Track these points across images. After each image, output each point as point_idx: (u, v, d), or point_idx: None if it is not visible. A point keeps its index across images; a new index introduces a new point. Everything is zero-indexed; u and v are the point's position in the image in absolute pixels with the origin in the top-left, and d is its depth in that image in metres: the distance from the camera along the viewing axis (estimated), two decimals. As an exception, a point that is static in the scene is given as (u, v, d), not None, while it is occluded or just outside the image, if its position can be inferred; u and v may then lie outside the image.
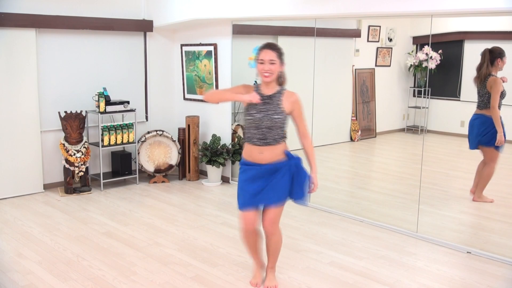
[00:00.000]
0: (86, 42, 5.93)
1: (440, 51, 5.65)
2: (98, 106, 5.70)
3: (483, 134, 4.88)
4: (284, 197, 3.26)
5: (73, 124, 5.52)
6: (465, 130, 5.68)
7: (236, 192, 3.40)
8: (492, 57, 4.72)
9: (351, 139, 6.89)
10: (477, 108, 4.91)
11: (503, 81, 4.69)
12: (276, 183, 3.19)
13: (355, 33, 6.59)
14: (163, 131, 6.21)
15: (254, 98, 3.09)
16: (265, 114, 3.16)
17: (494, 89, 4.67)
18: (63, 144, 5.55)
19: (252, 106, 3.19)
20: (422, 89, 6.13)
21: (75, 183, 5.76)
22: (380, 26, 6.48)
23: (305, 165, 3.34)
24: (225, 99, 3.37)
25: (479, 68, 4.82)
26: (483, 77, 4.77)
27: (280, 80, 3.27)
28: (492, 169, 4.89)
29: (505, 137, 4.76)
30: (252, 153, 3.22)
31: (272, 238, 3.36)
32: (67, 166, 5.57)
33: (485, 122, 4.83)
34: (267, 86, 3.23)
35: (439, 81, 5.66)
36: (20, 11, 5.33)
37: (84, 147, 5.61)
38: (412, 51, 6.16)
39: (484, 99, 4.82)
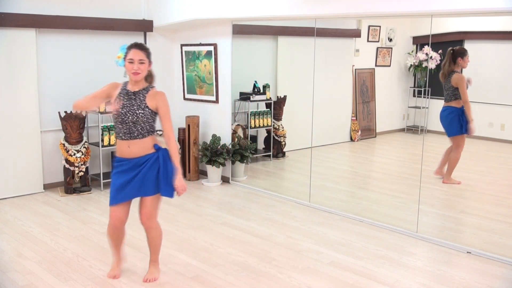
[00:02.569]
0: (86, 42, 5.93)
1: (440, 51, 5.65)
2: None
3: (450, 123, 5.37)
4: (152, 189, 3.33)
5: (73, 124, 5.52)
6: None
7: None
8: (454, 56, 5.22)
9: (351, 139, 6.89)
10: (444, 101, 5.40)
11: (469, 83, 5.25)
12: (143, 175, 3.29)
13: (355, 33, 6.59)
14: (163, 131, 6.20)
15: (113, 106, 3.30)
16: (129, 109, 3.28)
17: (461, 85, 5.22)
18: (63, 144, 5.55)
19: (117, 101, 3.31)
20: (422, 89, 6.13)
21: (75, 183, 5.76)
22: (380, 26, 6.49)
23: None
24: (86, 106, 3.43)
25: (443, 66, 5.35)
26: (446, 73, 5.31)
27: (149, 78, 3.46)
28: (458, 154, 5.37)
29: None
30: (121, 148, 3.33)
31: (150, 232, 3.44)
32: (67, 166, 5.57)
33: (452, 112, 5.34)
34: (135, 84, 3.36)
35: (439, 81, 5.66)
36: (20, 11, 5.33)
37: (84, 147, 5.61)
38: (412, 51, 6.16)
39: (449, 93, 5.33)
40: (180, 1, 5.95)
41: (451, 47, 5.27)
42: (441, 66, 5.42)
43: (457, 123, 5.31)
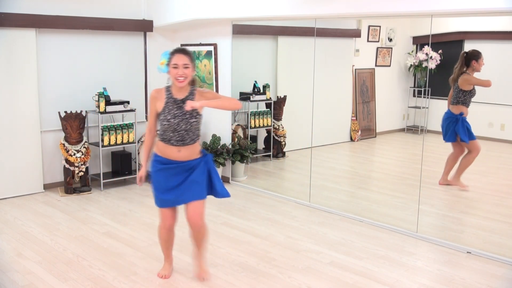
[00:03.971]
0: (86, 42, 5.93)
1: (440, 51, 5.65)
2: (98, 106, 5.70)
3: (446, 128, 5.28)
4: (204, 191, 3.34)
5: (73, 124, 5.52)
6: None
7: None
8: (467, 59, 5.07)
9: (351, 139, 6.89)
10: (451, 103, 5.24)
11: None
12: (194, 180, 3.27)
13: (355, 33, 6.59)
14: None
15: (139, 180, 3.33)
16: (181, 119, 3.22)
17: (472, 83, 5.08)
18: (63, 144, 5.55)
19: (167, 112, 3.23)
20: (422, 89, 6.13)
21: (75, 183, 5.76)
22: (380, 26, 6.48)
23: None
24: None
25: (455, 69, 5.19)
26: (456, 76, 5.18)
27: (192, 82, 3.36)
28: (472, 156, 5.23)
29: (471, 137, 5.17)
30: (169, 151, 3.28)
31: (200, 231, 3.42)
32: (67, 166, 5.57)
33: (448, 118, 5.25)
34: (180, 90, 3.27)
35: (439, 81, 5.66)
36: (20, 11, 5.33)
37: (84, 147, 5.61)
38: (412, 51, 6.16)
39: (454, 95, 5.21)
40: (180, 1, 5.95)
41: (464, 51, 5.15)
42: (437, 67, 5.43)
43: (450, 129, 5.23)
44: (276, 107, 6.67)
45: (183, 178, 3.27)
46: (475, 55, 5.06)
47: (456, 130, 5.18)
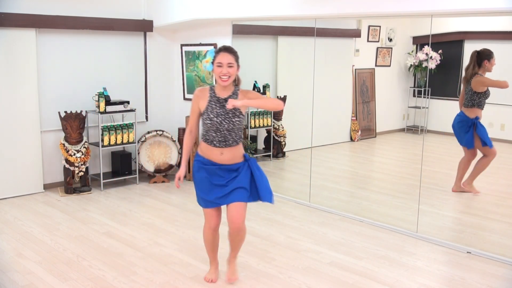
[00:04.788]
0: (86, 42, 5.93)
1: (440, 51, 5.65)
2: (98, 106, 5.70)
3: (459, 132, 5.13)
4: (247, 195, 3.30)
5: (73, 124, 5.52)
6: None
7: None
8: (479, 58, 4.90)
9: (351, 139, 6.89)
10: (463, 106, 5.09)
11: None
12: (238, 182, 3.23)
13: (355, 33, 6.58)
14: (163, 131, 6.21)
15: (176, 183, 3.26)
16: (224, 118, 3.18)
17: (486, 84, 4.90)
18: (63, 144, 5.55)
19: (210, 110, 3.21)
20: (422, 89, 6.13)
21: (75, 183, 5.76)
22: (380, 26, 6.48)
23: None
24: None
25: (466, 69, 5.02)
26: (469, 77, 4.98)
27: (235, 82, 3.30)
28: (487, 159, 5.07)
29: (489, 143, 4.99)
30: (211, 154, 3.25)
31: (240, 234, 3.37)
32: (67, 166, 5.57)
33: (461, 121, 5.08)
34: (223, 89, 3.24)
35: (439, 81, 5.66)
36: (20, 11, 5.32)
37: (84, 147, 5.61)
38: (412, 51, 6.16)
39: (468, 97, 5.03)
40: (180, 1, 5.95)
41: (475, 49, 4.97)
42: (437, 67, 5.38)
43: (464, 134, 5.05)
44: (276, 107, 6.65)
45: (226, 180, 3.23)
46: (487, 55, 4.89)
47: (479, 135, 4.97)
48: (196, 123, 3.36)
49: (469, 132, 5.03)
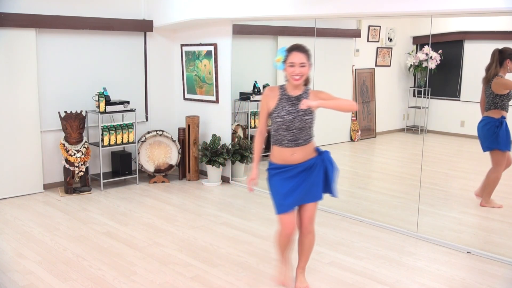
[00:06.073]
0: (86, 42, 5.93)
1: (440, 51, 5.64)
2: (98, 106, 5.70)
3: (487, 136, 4.74)
4: (320, 194, 3.24)
5: (73, 124, 5.52)
6: (465, 130, 5.69)
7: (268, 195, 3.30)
8: (502, 57, 4.60)
9: (351, 139, 6.89)
10: (484, 110, 4.79)
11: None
12: (313, 181, 3.17)
13: (355, 33, 6.58)
14: (163, 131, 6.22)
15: (249, 185, 3.17)
16: (295, 116, 3.13)
17: (509, 82, 4.56)
18: (63, 144, 5.55)
19: (280, 108, 3.16)
20: (422, 89, 6.13)
21: (75, 183, 5.76)
22: (380, 26, 6.48)
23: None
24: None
25: (487, 69, 4.70)
26: (490, 77, 4.66)
27: (306, 80, 3.24)
28: (498, 173, 4.74)
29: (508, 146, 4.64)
30: (283, 155, 3.18)
31: (308, 237, 3.32)
32: (67, 166, 5.57)
33: (487, 124, 4.73)
34: (294, 88, 3.19)
35: (439, 81, 5.66)
36: (20, 11, 5.33)
37: (84, 147, 5.61)
38: (412, 51, 6.16)
39: (489, 101, 4.71)
40: (180, 1, 5.95)
41: (497, 48, 4.64)
42: (437, 67, 5.28)
43: (491, 136, 4.68)
44: (276, 107, 6.65)
45: (301, 180, 3.17)
46: (509, 54, 4.58)
47: (499, 136, 4.64)
48: (266, 123, 3.30)
49: (498, 131, 4.66)
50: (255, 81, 6.42)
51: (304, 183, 3.16)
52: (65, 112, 5.54)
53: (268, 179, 3.26)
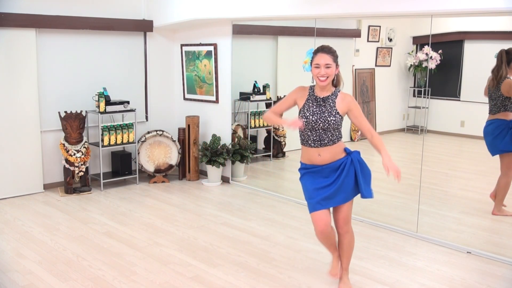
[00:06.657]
0: (86, 42, 5.93)
1: (440, 51, 5.64)
2: (98, 106, 5.70)
3: (499, 139, 4.60)
4: (353, 195, 3.27)
5: (73, 124, 5.52)
6: (465, 130, 5.69)
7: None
8: (509, 58, 4.48)
9: (351, 139, 6.88)
10: (489, 113, 4.65)
11: None
12: (342, 182, 3.18)
13: (355, 33, 6.58)
14: (163, 131, 6.22)
15: (296, 124, 3.10)
16: (319, 117, 3.14)
17: None
18: (63, 144, 5.55)
19: (306, 109, 3.19)
20: (422, 89, 6.13)
21: (75, 183, 5.76)
22: (380, 26, 6.48)
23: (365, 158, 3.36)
24: (271, 123, 3.52)
25: (496, 70, 4.54)
26: (499, 80, 4.50)
27: (335, 82, 3.25)
28: (509, 178, 4.61)
29: None
30: (310, 155, 3.21)
31: (346, 237, 3.34)
32: (67, 166, 5.57)
33: (499, 127, 4.58)
34: (322, 89, 3.20)
35: (439, 81, 5.66)
36: (20, 11, 5.32)
37: (84, 147, 5.61)
38: (412, 51, 6.16)
39: (497, 103, 4.57)
40: (180, 1, 5.95)
41: (503, 48, 4.52)
42: (437, 67, 5.23)
43: (503, 139, 4.54)
44: (276, 107, 6.65)
45: (331, 180, 3.19)
46: None
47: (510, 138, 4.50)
48: (281, 110, 3.32)
49: (507, 135, 4.53)
50: (255, 81, 6.42)
51: (333, 184, 3.19)
52: (65, 112, 5.54)
53: (300, 179, 3.32)
